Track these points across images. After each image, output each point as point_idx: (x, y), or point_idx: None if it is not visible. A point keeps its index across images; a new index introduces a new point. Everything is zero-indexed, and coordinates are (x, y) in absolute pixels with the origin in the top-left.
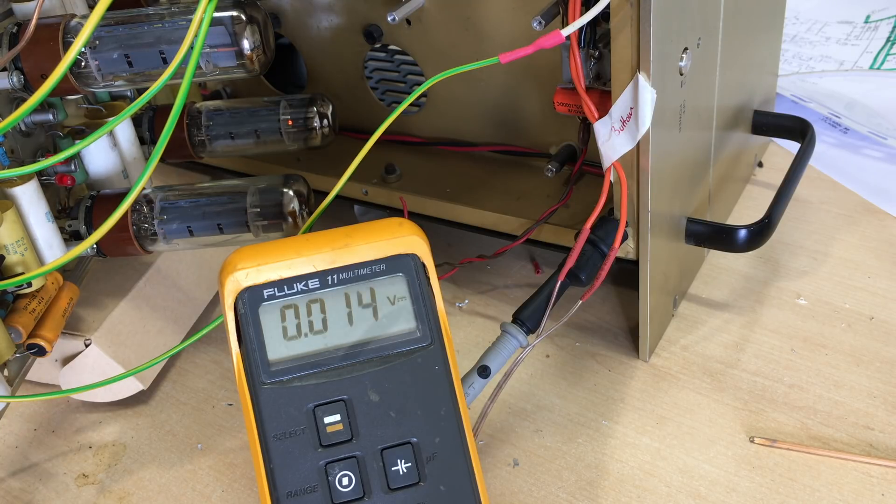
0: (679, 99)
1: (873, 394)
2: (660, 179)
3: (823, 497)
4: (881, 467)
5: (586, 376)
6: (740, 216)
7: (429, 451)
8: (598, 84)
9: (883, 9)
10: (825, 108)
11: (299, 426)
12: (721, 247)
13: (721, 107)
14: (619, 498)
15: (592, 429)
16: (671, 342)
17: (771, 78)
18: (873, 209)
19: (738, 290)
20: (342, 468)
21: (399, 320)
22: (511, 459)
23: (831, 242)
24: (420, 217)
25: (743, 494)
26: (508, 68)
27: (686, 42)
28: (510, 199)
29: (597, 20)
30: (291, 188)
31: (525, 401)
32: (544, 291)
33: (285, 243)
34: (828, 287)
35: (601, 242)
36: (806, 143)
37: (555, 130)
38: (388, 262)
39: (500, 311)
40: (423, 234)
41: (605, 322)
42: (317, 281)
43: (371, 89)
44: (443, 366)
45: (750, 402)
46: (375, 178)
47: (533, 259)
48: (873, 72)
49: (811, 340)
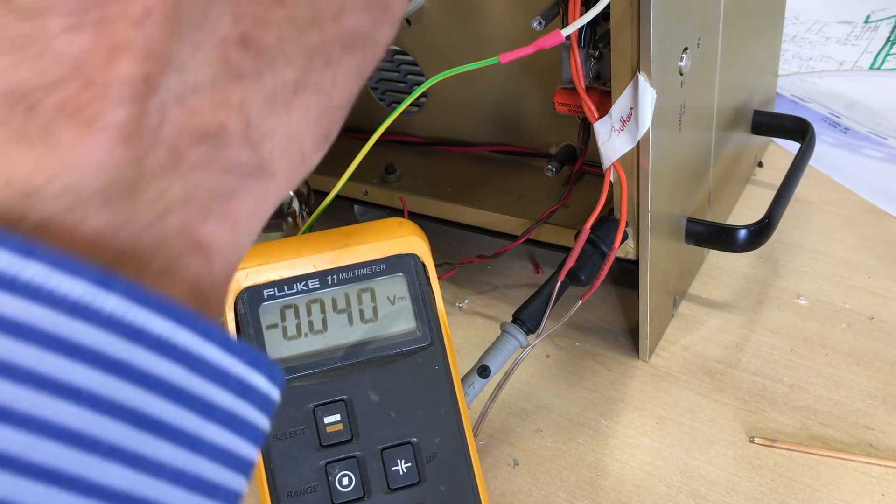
0: (679, 99)
1: (873, 394)
2: (660, 179)
3: (823, 497)
4: (881, 467)
5: (586, 376)
6: (740, 216)
7: (429, 451)
8: (598, 84)
9: (883, 9)
10: (825, 108)
11: (299, 426)
12: (721, 247)
13: (721, 107)
14: (619, 498)
15: (592, 429)
16: (671, 342)
17: (771, 78)
18: (873, 209)
19: (738, 290)
20: (342, 468)
21: (399, 320)
22: (511, 459)
23: (831, 242)
24: (420, 217)
25: (743, 494)
26: (508, 68)
27: (686, 42)
28: (510, 199)
29: (597, 20)
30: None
31: (525, 401)
32: (544, 291)
33: (285, 243)
34: (828, 287)
35: (601, 242)
36: (806, 143)
37: (555, 130)
38: (388, 262)
39: (500, 311)
40: (423, 234)
41: (605, 322)
42: (317, 281)
43: (371, 89)
44: (443, 366)
45: (750, 402)
46: (375, 178)
47: (533, 259)
48: (873, 72)
49: (811, 340)
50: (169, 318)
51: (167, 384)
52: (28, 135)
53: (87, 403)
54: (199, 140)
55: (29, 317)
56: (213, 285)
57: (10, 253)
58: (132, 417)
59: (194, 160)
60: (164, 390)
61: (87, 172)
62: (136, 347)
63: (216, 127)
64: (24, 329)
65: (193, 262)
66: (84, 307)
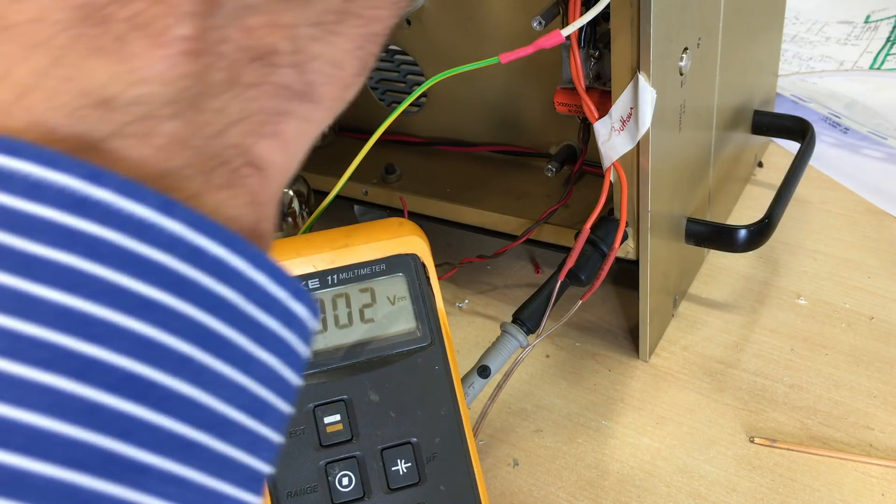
0: (679, 99)
1: (873, 394)
2: (660, 179)
3: (823, 497)
4: (881, 467)
5: (586, 376)
6: (740, 216)
7: (429, 451)
8: (598, 84)
9: (883, 9)
10: (825, 108)
11: (299, 426)
12: (721, 247)
13: (721, 107)
14: (619, 498)
15: (592, 429)
16: (671, 342)
17: (771, 78)
18: (873, 209)
19: (738, 290)
20: (342, 468)
21: (399, 320)
22: (511, 459)
23: (831, 242)
24: (420, 217)
25: (743, 494)
26: (508, 68)
27: (686, 42)
28: (510, 199)
29: (597, 20)
30: (291, 188)
31: (525, 401)
32: (544, 291)
33: (285, 243)
34: (828, 287)
35: (601, 242)
36: (806, 143)
37: (555, 130)
38: (388, 262)
39: (500, 311)
40: (423, 234)
41: (605, 322)
42: (317, 281)
43: (371, 89)
44: (443, 366)
45: (750, 402)
46: (375, 178)
47: (533, 259)
48: (873, 72)
49: (811, 340)
50: (223, 243)
51: (225, 305)
52: (102, 47)
53: (160, 316)
54: (253, 60)
55: (103, 234)
56: (267, 202)
57: (81, 178)
58: (197, 333)
59: (248, 80)
60: (222, 311)
61: (156, 84)
62: (195, 269)
63: (268, 48)
64: (101, 246)
65: (250, 178)
66: (149, 227)
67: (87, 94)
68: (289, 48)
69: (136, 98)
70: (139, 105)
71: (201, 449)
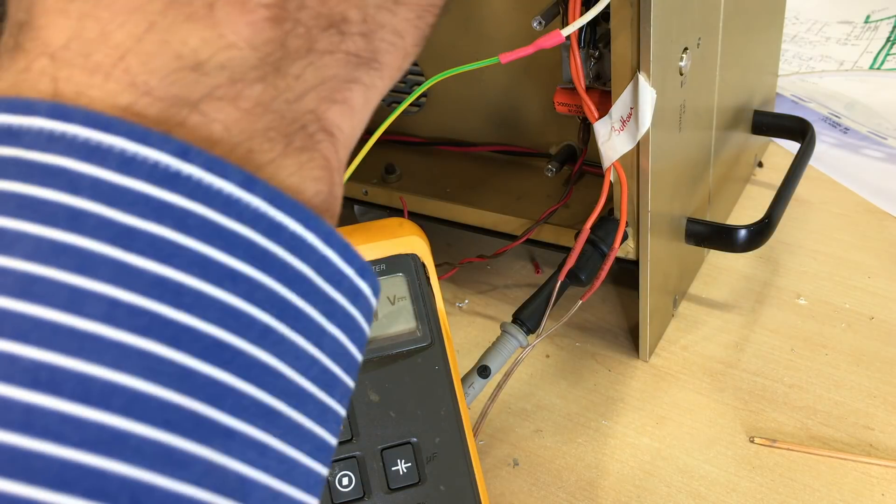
0: (679, 99)
1: (873, 394)
2: (660, 179)
3: (823, 497)
4: (881, 467)
5: (586, 376)
6: (740, 216)
7: (429, 451)
8: (598, 84)
9: (883, 9)
10: (825, 108)
11: None
12: (721, 247)
13: (721, 107)
14: (619, 498)
15: (592, 429)
16: (671, 342)
17: (771, 78)
18: (873, 209)
19: (738, 290)
20: (342, 468)
21: (399, 320)
22: (511, 459)
23: (831, 242)
24: (420, 217)
25: (743, 494)
26: (508, 68)
27: (686, 42)
28: (510, 199)
29: (597, 20)
30: None
31: (525, 401)
32: (544, 291)
33: None
34: (828, 287)
35: (601, 242)
36: (806, 143)
37: (555, 130)
38: (388, 262)
39: (500, 311)
40: (423, 234)
41: (605, 322)
42: None
43: None
44: (443, 366)
45: (750, 402)
46: (375, 178)
47: (533, 259)
48: (873, 72)
49: (811, 340)
50: (300, 219)
51: (301, 279)
52: (193, 13)
53: (245, 287)
54: (327, 27)
55: (192, 208)
56: (338, 168)
57: (171, 154)
58: (277, 305)
59: (323, 47)
60: (299, 284)
61: (243, 49)
62: (275, 243)
63: (341, 16)
64: (190, 218)
65: (323, 143)
66: (234, 202)
67: (180, 57)
68: (358, 17)
69: (225, 62)
70: (228, 69)
71: (280, 417)
